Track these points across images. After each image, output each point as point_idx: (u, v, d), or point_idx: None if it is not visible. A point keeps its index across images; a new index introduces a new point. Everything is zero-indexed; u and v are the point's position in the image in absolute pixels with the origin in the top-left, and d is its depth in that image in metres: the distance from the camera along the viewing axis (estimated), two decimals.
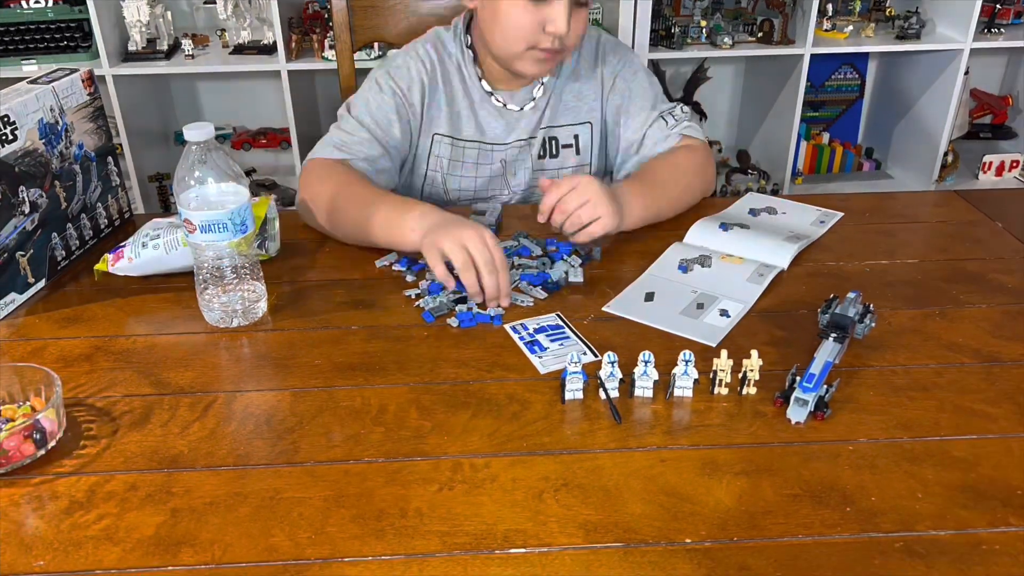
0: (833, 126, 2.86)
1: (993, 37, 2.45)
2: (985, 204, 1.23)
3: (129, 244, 1.02)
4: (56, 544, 0.66)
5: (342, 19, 1.46)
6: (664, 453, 0.74)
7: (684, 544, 0.65)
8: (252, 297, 0.95)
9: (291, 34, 2.31)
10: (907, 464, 0.73)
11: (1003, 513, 0.67)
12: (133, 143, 2.39)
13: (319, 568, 0.63)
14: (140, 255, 1.00)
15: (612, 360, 0.80)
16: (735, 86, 2.83)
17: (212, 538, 0.66)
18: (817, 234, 1.14)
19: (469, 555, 0.64)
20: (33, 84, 1.02)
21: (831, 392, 0.80)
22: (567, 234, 1.06)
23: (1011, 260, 1.07)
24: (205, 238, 0.89)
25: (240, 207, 0.90)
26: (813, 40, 2.35)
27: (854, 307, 0.87)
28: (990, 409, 0.80)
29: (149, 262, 1.01)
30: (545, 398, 0.82)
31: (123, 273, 1.01)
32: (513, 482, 0.71)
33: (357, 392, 0.83)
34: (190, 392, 0.84)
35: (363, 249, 1.10)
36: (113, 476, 0.73)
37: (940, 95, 2.48)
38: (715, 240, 1.10)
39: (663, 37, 2.41)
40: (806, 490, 0.70)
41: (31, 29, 2.29)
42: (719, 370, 0.81)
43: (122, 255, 1.01)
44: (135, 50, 2.34)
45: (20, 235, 0.97)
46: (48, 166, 1.01)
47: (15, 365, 0.81)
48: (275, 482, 0.72)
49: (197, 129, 0.87)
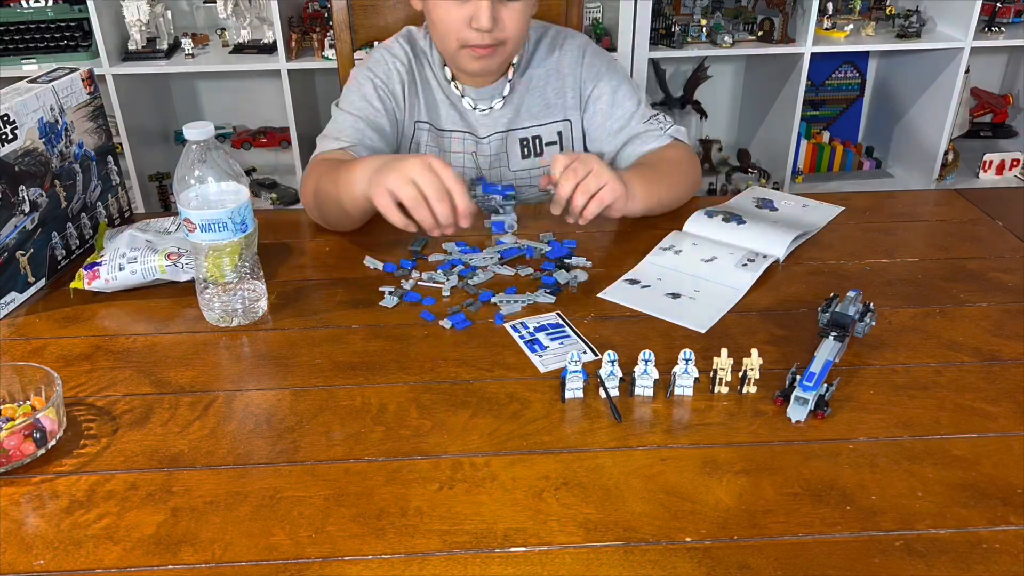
0: (833, 125, 2.86)
1: (993, 36, 2.45)
2: (985, 203, 1.23)
3: (105, 263, 0.99)
4: (56, 543, 0.66)
5: (342, 18, 1.46)
6: (664, 452, 0.74)
7: (684, 543, 0.65)
8: (252, 296, 0.95)
9: (291, 33, 2.31)
10: (907, 463, 0.73)
11: (1003, 512, 0.67)
12: (133, 142, 2.39)
13: (319, 567, 0.63)
14: (117, 277, 0.99)
15: (612, 359, 0.80)
16: (735, 85, 2.83)
17: (212, 537, 0.66)
18: (818, 226, 1.14)
19: (469, 554, 0.64)
20: (33, 83, 1.02)
21: (831, 391, 0.80)
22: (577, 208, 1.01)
23: (1011, 259, 1.07)
24: (205, 237, 0.89)
25: (240, 206, 0.89)
26: (813, 39, 2.35)
27: (854, 306, 0.87)
28: (990, 408, 0.80)
29: (126, 283, 1.00)
30: (545, 397, 0.82)
31: (99, 290, 1.00)
32: (513, 481, 0.71)
33: (357, 391, 0.83)
34: (190, 391, 0.84)
35: (362, 249, 1.10)
36: (113, 475, 0.73)
37: (940, 94, 2.48)
38: (713, 229, 1.10)
39: (663, 36, 2.41)
40: (806, 489, 0.70)
41: (31, 28, 2.29)
42: (719, 369, 0.81)
43: (98, 275, 0.99)
44: (135, 49, 2.34)
45: (20, 234, 0.97)
46: (48, 165, 1.01)
47: (15, 364, 0.81)
48: (275, 481, 0.72)
49: (197, 128, 0.87)
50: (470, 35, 1.13)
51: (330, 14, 1.53)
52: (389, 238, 1.13)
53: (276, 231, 1.15)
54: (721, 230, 1.10)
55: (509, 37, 1.16)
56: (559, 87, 1.29)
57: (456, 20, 1.13)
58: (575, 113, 1.30)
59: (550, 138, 1.30)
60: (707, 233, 1.10)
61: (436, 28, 1.18)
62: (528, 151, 1.30)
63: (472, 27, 1.12)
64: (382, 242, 1.12)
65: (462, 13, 1.12)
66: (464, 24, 1.13)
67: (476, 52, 1.16)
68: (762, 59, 2.57)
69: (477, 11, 1.10)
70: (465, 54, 1.17)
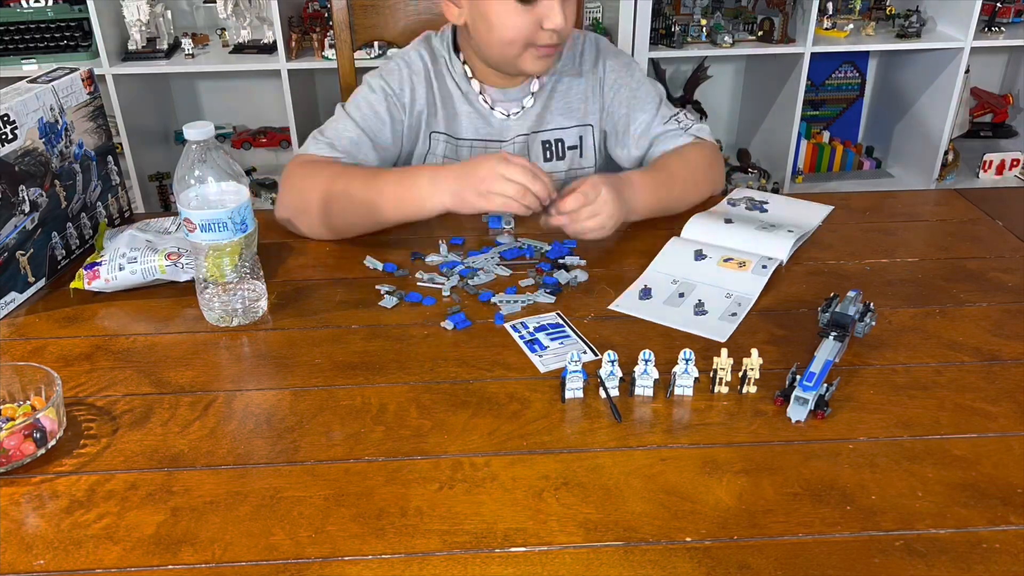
0: (833, 125, 2.86)
1: (993, 35, 2.45)
2: (985, 203, 1.23)
3: (105, 263, 0.99)
4: (56, 543, 0.66)
5: (342, 18, 1.46)
6: (664, 452, 0.74)
7: (684, 543, 0.65)
8: (252, 296, 0.95)
9: (291, 33, 2.31)
10: (907, 463, 0.73)
11: (1003, 512, 0.67)
12: (133, 142, 2.39)
13: (319, 567, 0.63)
14: (117, 277, 0.99)
15: (612, 359, 0.80)
16: (735, 85, 2.82)
17: (212, 537, 0.66)
18: (813, 225, 1.14)
19: (469, 554, 0.64)
20: (33, 83, 1.02)
21: (831, 391, 0.80)
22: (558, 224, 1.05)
23: (1011, 259, 1.07)
24: (205, 237, 0.89)
25: (240, 206, 0.89)
26: (813, 39, 2.35)
27: (854, 306, 0.87)
28: (990, 408, 0.80)
29: (126, 283, 1.00)
30: (545, 397, 0.82)
31: (99, 290, 1.00)
32: (513, 481, 0.71)
33: (357, 391, 0.83)
34: (190, 391, 0.84)
35: (362, 249, 1.10)
36: (113, 475, 0.73)
37: (940, 94, 2.48)
38: (712, 234, 1.10)
39: (663, 36, 2.41)
40: (806, 489, 0.70)
41: (31, 28, 2.29)
42: (719, 369, 0.81)
43: (98, 275, 0.99)
44: (135, 49, 2.34)
45: (20, 234, 0.97)
46: (48, 165, 1.01)
47: (15, 364, 0.81)
48: (275, 481, 0.72)
49: (197, 128, 0.87)
50: (541, 36, 1.12)
51: (330, 14, 1.53)
52: (389, 238, 1.13)
53: (276, 231, 1.15)
54: (720, 234, 1.10)
55: (568, 35, 1.16)
56: (580, 91, 1.28)
57: (525, 24, 1.11)
58: (595, 117, 1.29)
59: (572, 142, 1.29)
60: (706, 238, 1.10)
61: (500, 35, 1.14)
62: (551, 154, 1.29)
63: (545, 28, 1.11)
64: (382, 242, 1.12)
65: (531, 16, 1.10)
66: (534, 26, 1.11)
67: (541, 52, 1.14)
68: (762, 59, 2.57)
69: (550, 11, 1.09)
70: (529, 55, 1.15)
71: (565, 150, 1.29)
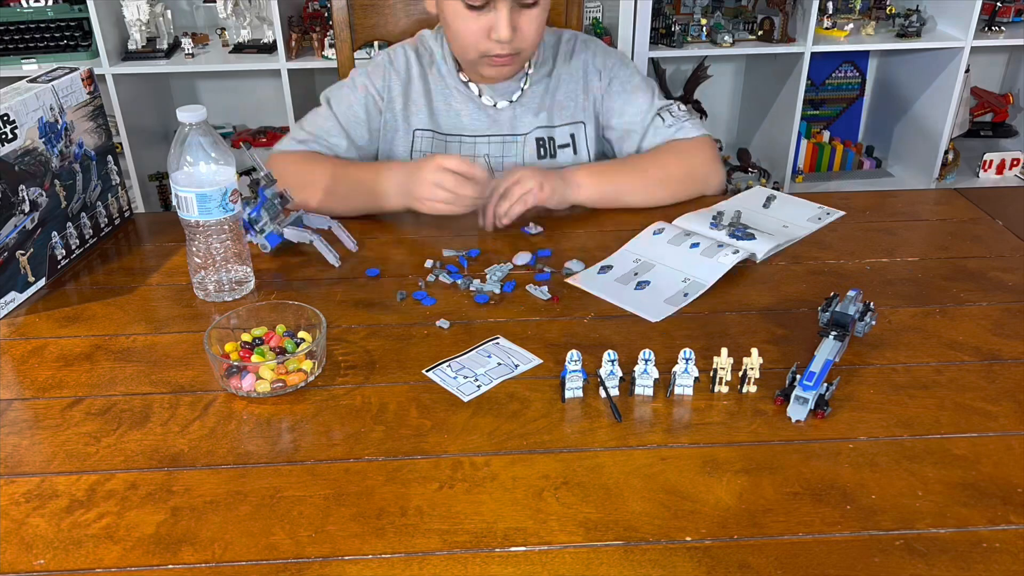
0: (833, 124, 2.86)
1: (994, 35, 2.45)
2: (985, 202, 1.23)
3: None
4: (56, 543, 0.66)
5: (342, 18, 1.45)
6: (664, 451, 0.74)
7: (684, 542, 0.65)
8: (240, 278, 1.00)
9: (291, 33, 2.31)
10: (907, 462, 0.73)
11: (1003, 511, 0.67)
12: (133, 142, 2.39)
13: (319, 566, 0.63)
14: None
15: (612, 358, 0.80)
16: (735, 84, 2.82)
17: (212, 537, 0.66)
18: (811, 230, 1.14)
19: (469, 553, 0.64)
20: (33, 83, 1.02)
21: (831, 390, 0.80)
22: (494, 213, 1.12)
23: (1011, 258, 1.07)
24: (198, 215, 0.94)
25: (231, 186, 0.94)
26: (813, 38, 2.35)
27: (854, 305, 0.87)
28: (990, 407, 0.80)
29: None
30: (545, 396, 0.81)
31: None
32: (513, 480, 0.71)
33: (357, 391, 0.83)
34: (190, 391, 0.84)
35: (363, 247, 1.10)
36: (113, 475, 0.73)
37: (941, 93, 2.48)
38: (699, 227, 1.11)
39: (663, 35, 2.41)
40: (806, 488, 0.70)
41: (31, 28, 2.29)
42: (719, 368, 0.81)
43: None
44: (135, 49, 2.34)
45: (20, 234, 0.97)
46: (48, 165, 1.01)
47: (283, 302, 0.90)
48: (275, 481, 0.72)
49: (190, 111, 0.92)
50: (490, 45, 1.13)
51: (330, 14, 1.53)
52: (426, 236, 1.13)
53: None
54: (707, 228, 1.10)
55: (527, 45, 1.16)
56: (573, 90, 1.29)
57: (475, 31, 1.13)
58: (588, 115, 1.30)
59: (563, 140, 1.29)
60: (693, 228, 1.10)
61: (455, 38, 1.18)
62: (544, 151, 1.30)
63: (491, 38, 1.12)
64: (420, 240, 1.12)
65: (480, 24, 1.12)
66: (483, 35, 1.12)
67: (495, 61, 1.16)
68: (762, 58, 2.57)
69: (496, 22, 1.10)
70: (484, 62, 1.17)
71: (556, 148, 1.30)
